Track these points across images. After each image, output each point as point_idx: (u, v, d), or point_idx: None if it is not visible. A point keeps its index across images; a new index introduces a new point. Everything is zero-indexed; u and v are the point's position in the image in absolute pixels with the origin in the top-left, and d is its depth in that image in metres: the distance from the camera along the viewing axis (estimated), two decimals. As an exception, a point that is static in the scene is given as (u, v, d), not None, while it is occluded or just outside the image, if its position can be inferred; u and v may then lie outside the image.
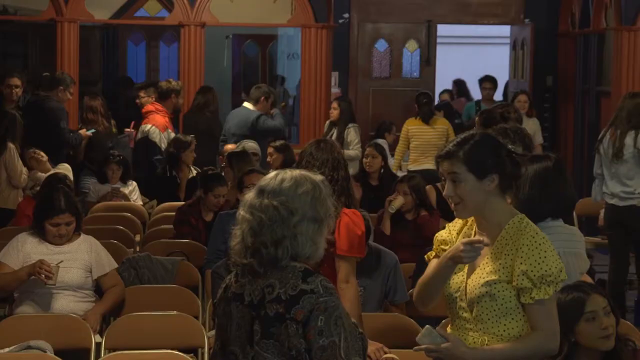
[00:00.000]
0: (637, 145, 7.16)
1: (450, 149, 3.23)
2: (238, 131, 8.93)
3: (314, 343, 2.70)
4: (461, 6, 12.95)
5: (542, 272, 3.11)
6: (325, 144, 4.46)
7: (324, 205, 2.84)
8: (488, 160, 3.19)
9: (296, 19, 10.91)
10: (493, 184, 3.19)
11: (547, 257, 3.13)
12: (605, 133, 7.35)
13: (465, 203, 3.19)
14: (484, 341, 3.20)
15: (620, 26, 10.31)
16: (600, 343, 3.42)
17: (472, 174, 3.17)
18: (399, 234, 6.56)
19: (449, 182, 3.21)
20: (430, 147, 9.68)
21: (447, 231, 3.39)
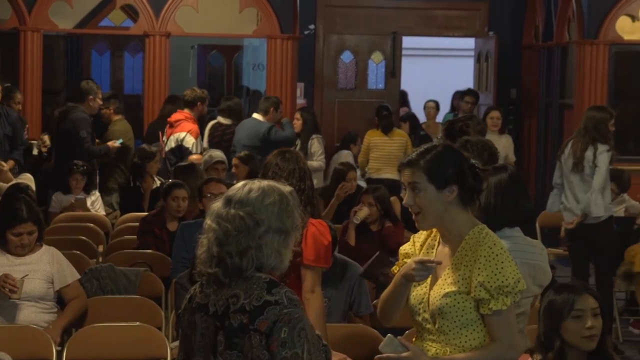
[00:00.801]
0: (596, 159, 7.29)
1: (412, 157, 3.24)
2: (249, 143, 8.87)
3: (277, 354, 2.69)
4: (426, 19, 13.03)
5: (499, 283, 3.12)
6: (290, 154, 4.46)
7: (291, 216, 2.83)
8: (448, 170, 3.20)
9: (262, 29, 10.90)
10: (452, 195, 3.20)
11: (504, 268, 3.14)
12: (567, 144, 7.45)
13: (425, 213, 3.21)
14: (447, 352, 3.21)
15: (583, 40, 10.42)
16: (583, 343, 3.45)
17: (432, 184, 3.19)
18: (364, 245, 6.57)
19: (409, 191, 3.23)
20: (391, 157, 10.03)
21: (411, 243, 3.40)
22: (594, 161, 7.29)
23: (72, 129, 8.65)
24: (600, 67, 10.34)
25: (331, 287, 5.08)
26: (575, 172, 7.31)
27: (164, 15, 10.60)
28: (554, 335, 3.46)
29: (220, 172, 7.94)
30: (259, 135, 8.93)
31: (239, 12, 10.79)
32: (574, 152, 7.34)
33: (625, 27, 10.36)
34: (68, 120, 8.72)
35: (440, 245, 3.29)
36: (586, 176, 7.31)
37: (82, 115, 8.71)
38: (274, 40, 10.73)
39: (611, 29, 10.31)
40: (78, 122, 8.65)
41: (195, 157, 8.59)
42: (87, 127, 8.69)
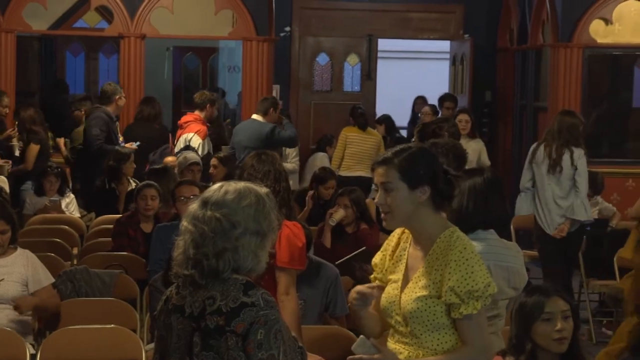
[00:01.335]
0: (575, 163, 7.38)
1: (386, 156, 3.25)
2: (251, 144, 8.73)
3: (253, 356, 2.69)
4: (402, 21, 13.08)
5: (469, 288, 3.12)
6: (266, 156, 4.47)
7: (267, 218, 2.83)
8: (421, 171, 3.20)
9: (237, 31, 10.89)
10: (424, 195, 3.20)
11: (474, 272, 3.14)
12: (538, 147, 7.53)
13: (394, 212, 3.20)
14: (419, 355, 3.21)
15: (557, 42, 10.49)
16: (553, 345, 3.47)
17: (405, 183, 3.19)
18: (340, 246, 6.57)
19: (382, 190, 3.22)
20: (365, 155, 10.10)
21: (381, 254, 3.40)
22: (572, 165, 7.38)
23: (88, 127, 8.86)
24: (574, 70, 10.40)
25: (307, 288, 5.08)
26: (551, 175, 7.38)
27: (139, 17, 10.57)
28: (525, 338, 3.48)
29: (195, 174, 7.93)
30: (262, 136, 8.89)
31: (215, 14, 10.77)
32: (548, 155, 7.41)
33: (599, 31, 10.44)
34: (88, 120, 8.93)
35: (411, 248, 3.29)
36: (563, 179, 7.39)
37: (100, 114, 8.87)
38: (250, 42, 10.72)
39: (585, 33, 10.38)
40: (92, 121, 8.83)
41: (170, 160, 8.57)
42: (102, 125, 8.80)
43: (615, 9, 10.37)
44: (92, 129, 8.81)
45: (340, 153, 10.38)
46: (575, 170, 7.40)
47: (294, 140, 9.21)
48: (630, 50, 10.70)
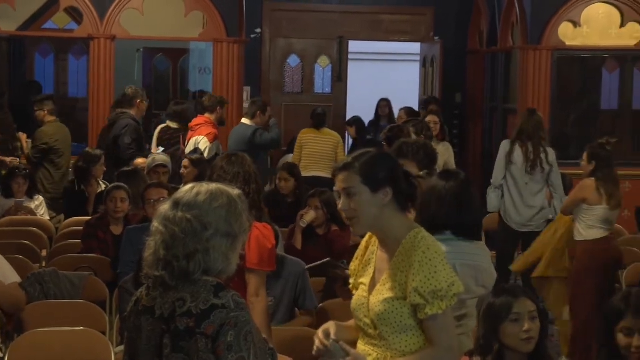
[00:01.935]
0: (550, 161, 7.62)
1: (346, 161, 3.27)
2: (237, 147, 8.77)
3: (223, 358, 2.68)
4: (372, 23, 13.11)
5: (433, 288, 3.13)
6: (236, 157, 4.47)
7: (239, 220, 2.82)
8: (382, 173, 3.22)
9: (208, 33, 10.87)
10: (387, 197, 3.21)
11: (437, 272, 3.15)
12: (514, 147, 7.64)
13: (360, 217, 3.21)
14: (387, 357, 3.23)
15: (526, 45, 10.55)
16: (521, 345, 3.49)
17: (367, 187, 3.20)
18: (310, 248, 6.57)
19: (344, 196, 3.23)
20: (321, 156, 10.14)
21: (355, 258, 3.43)
22: (548, 163, 7.60)
23: (119, 135, 8.79)
24: (543, 72, 10.47)
25: (276, 286, 5.08)
26: (529, 174, 7.53)
27: (109, 18, 10.52)
28: (492, 338, 3.50)
29: (162, 176, 7.90)
30: (245, 139, 8.93)
31: (185, 16, 10.74)
32: (525, 154, 7.55)
33: (568, 33, 10.53)
34: (117, 126, 8.86)
35: (379, 250, 3.31)
36: (538, 178, 7.56)
37: (130, 121, 8.86)
38: (220, 43, 10.70)
39: (554, 35, 10.46)
40: (124, 128, 8.80)
41: (140, 161, 8.54)
42: (133, 132, 8.80)
43: (583, 11, 10.47)
44: (125, 137, 8.76)
45: (297, 155, 10.40)
46: (551, 169, 7.56)
47: (275, 142, 9.24)
48: (599, 53, 10.80)
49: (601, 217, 6.76)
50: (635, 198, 10.39)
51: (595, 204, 6.76)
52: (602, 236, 6.79)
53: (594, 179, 6.78)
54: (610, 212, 6.79)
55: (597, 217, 6.78)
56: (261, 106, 9.22)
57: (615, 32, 10.55)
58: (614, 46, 10.61)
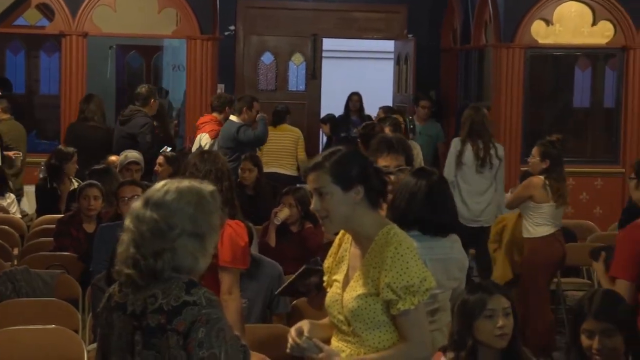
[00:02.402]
0: (500, 157, 7.82)
1: (317, 161, 3.26)
2: (224, 144, 8.86)
3: (194, 355, 2.67)
4: (346, 21, 13.13)
5: (405, 283, 3.14)
6: (209, 155, 4.47)
7: (208, 219, 2.82)
8: (353, 171, 3.22)
9: (181, 30, 10.83)
10: (359, 196, 3.21)
11: (409, 268, 3.16)
12: (465, 145, 7.86)
13: (332, 216, 3.21)
14: (361, 353, 3.23)
15: (499, 43, 10.60)
16: (494, 341, 3.51)
17: (338, 186, 3.20)
18: (284, 246, 6.57)
19: (316, 196, 3.23)
20: (279, 152, 10.23)
21: (329, 256, 3.43)
22: (498, 159, 7.81)
23: (138, 132, 8.85)
24: (516, 70, 10.52)
25: (250, 287, 5.07)
26: (479, 172, 7.69)
27: (81, 15, 10.45)
28: (466, 334, 3.52)
29: (134, 173, 7.87)
30: (231, 136, 8.92)
31: (158, 13, 10.69)
32: (476, 152, 7.70)
33: (540, 31, 10.57)
34: (133, 124, 8.91)
35: (352, 247, 3.32)
36: (488, 174, 7.73)
37: (148, 120, 8.96)
38: (194, 41, 10.67)
39: (526, 33, 10.50)
40: (143, 127, 8.87)
41: (113, 159, 8.50)
42: (152, 131, 8.91)
43: (555, 10, 10.52)
44: (147, 136, 8.86)
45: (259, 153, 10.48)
46: (500, 164, 7.74)
47: (260, 139, 9.22)
48: (571, 51, 10.86)
49: (548, 215, 6.88)
50: (607, 195, 10.48)
51: (543, 201, 6.88)
52: (549, 233, 6.90)
53: (543, 177, 6.89)
54: (557, 209, 6.91)
55: (545, 215, 6.89)
56: (248, 102, 9.20)
57: (587, 31, 10.61)
58: (586, 44, 10.67)
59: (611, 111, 10.92)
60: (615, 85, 10.78)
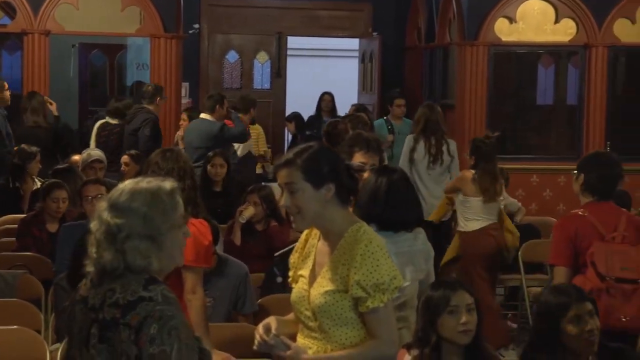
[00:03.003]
0: (452, 154, 8.08)
1: (288, 157, 3.24)
2: (202, 144, 8.75)
3: (144, 351, 2.65)
4: (311, 19, 13.12)
5: (375, 281, 3.14)
6: (171, 153, 4.44)
7: (165, 217, 2.80)
8: (324, 168, 3.21)
9: (145, 28, 10.76)
10: (330, 193, 3.21)
11: (379, 266, 3.16)
12: (417, 142, 8.10)
13: (303, 213, 3.20)
14: (327, 350, 3.22)
15: (463, 41, 10.64)
16: (458, 337, 3.53)
17: (309, 183, 3.19)
18: (249, 244, 6.57)
19: (286, 192, 3.22)
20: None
21: (294, 253, 3.42)
22: (450, 156, 8.07)
23: (138, 127, 9.09)
24: (480, 68, 10.57)
25: (215, 286, 5.06)
26: (431, 169, 7.88)
27: (43, 13, 10.36)
28: (430, 331, 3.54)
29: (98, 172, 7.82)
30: (211, 135, 8.85)
31: (121, 11, 10.62)
32: (428, 149, 7.86)
33: (504, 29, 10.63)
34: (136, 120, 9.17)
35: (320, 243, 3.31)
36: (440, 170, 7.89)
37: (150, 116, 9.14)
38: (158, 39, 10.61)
39: (490, 31, 10.56)
40: (145, 122, 9.10)
41: (75, 158, 8.44)
42: (153, 127, 9.08)
43: (518, 8, 10.58)
44: (145, 130, 9.04)
45: None
46: (452, 160, 7.90)
47: (244, 135, 9.23)
48: (534, 49, 10.92)
49: (476, 209, 7.10)
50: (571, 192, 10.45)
51: (471, 195, 7.11)
52: (479, 227, 7.10)
53: (473, 172, 7.12)
54: (485, 204, 7.08)
55: (473, 209, 7.11)
56: (219, 100, 9.16)
57: (550, 28, 10.69)
58: (548, 42, 10.75)
59: (574, 108, 11.00)
60: (578, 82, 10.87)
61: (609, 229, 4.60)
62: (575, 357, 3.66)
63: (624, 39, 10.67)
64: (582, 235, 4.58)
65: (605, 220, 4.63)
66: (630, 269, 4.50)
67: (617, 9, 10.58)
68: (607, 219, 4.65)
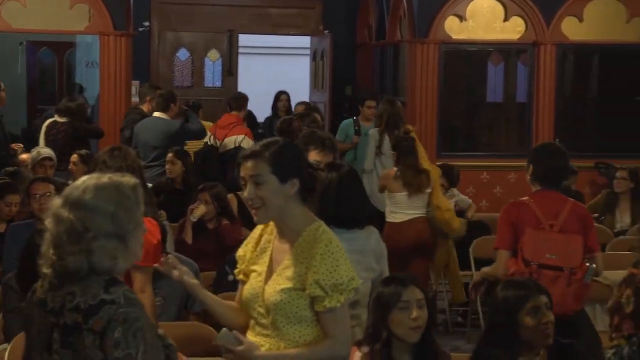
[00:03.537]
0: None
1: (256, 149, 3.21)
2: (160, 143, 8.63)
3: (110, 355, 2.62)
4: (261, 16, 13.11)
5: (334, 281, 3.15)
6: (119, 151, 4.40)
7: (130, 216, 2.75)
8: (291, 164, 3.21)
9: (94, 26, 10.65)
10: (294, 188, 3.20)
11: (339, 266, 3.17)
12: (383, 135, 8.32)
13: (267, 206, 3.19)
14: (280, 347, 3.22)
15: (414, 39, 10.69)
16: (409, 334, 3.54)
17: (276, 176, 3.18)
18: (201, 242, 6.54)
19: (251, 184, 3.19)
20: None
21: (245, 244, 3.40)
22: None
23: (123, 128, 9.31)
24: (430, 65, 10.63)
25: (165, 285, 5.03)
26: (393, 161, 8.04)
27: (-10, 10, 10.22)
28: (381, 327, 3.55)
29: (48, 169, 7.75)
30: (171, 133, 8.75)
31: (70, 8, 10.51)
32: (391, 141, 7.98)
33: (454, 27, 10.71)
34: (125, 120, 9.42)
35: (276, 240, 3.30)
36: None
37: (134, 116, 9.18)
38: (107, 37, 10.51)
39: (440, 29, 10.62)
40: (126, 122, 9.29)
41: (24, 157, 8.34)
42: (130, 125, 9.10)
43: (468, 6, 10.66)
44: (125, 131, 9.17)
45: None
46: None
47: (203, 131, 9.18)
48: (484, 46, 11.01)
49: (402, 204, 7.16)
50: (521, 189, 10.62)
51: (395, 191, 7.19)
52: (402, 220, 7.16)
53: (395, 168, 7.23)
54: (411, 198, 7.14)
55: (397, 204, 7.19)
56: (173, 98, 9.08)
57: (500, 26, 10.78)
58: (498, 40, 10.84)
59: (523, 105, 11.11)
60: (527, 80, 10.98)
61: (549, 217, 4.85)
62: (529, 350, 3.69)
63: (571, 37, 10.80)
64: (522, 222, 4.84)
65: (547, 209, 4.88)
66: (557, 256, 4.75)
67: (565, 7, 10.71)
68: (550, 207, 4.90)
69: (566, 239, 4.82)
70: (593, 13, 10.78)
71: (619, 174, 8.29)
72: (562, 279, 4.70)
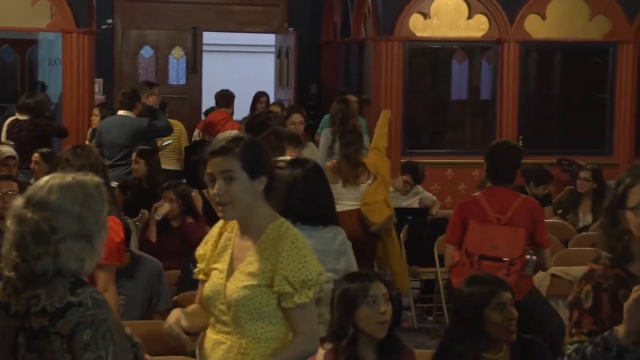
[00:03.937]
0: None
1: (225, 145, 3.17)
2: (128, 142, 8.52)
3: (79, 358, 2.59)
4: (225, 14, 13.08)
5: (303, 277, 3.14)
6: (82, 149, 4.37)
7: (95, 216, 2.71)
8: (260, 160, 3.20)
9: (56, 23, 10.55)
10: (262, 185, 3.19)
11: (307, 262, 3.16)
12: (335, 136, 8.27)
13: (235, 203, 3.16)
14: (242, 344, 3.20)
15: (378, 36, 10.71)
16: (377, 329, 3.55)
17: (246, 173, 3.16)
18: (165, 241, 6.52)
19: (220, 180, 3.15)
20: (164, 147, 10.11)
21: (204, 243, 3.37)
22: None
23: None
24: (395, 63, 10.65)
25: (128, 284, 5.01)
26: None
27: (-50, 7, 10.10)
28: (347, 323, 3.56)
29: (12, 168, 7.68)
30: (139, 131, 8.65)
31: (32, 5, 10.40)
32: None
33: (418, 25, 10.73)
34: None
35: (237, 238, 3.28)
36: None
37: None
38: (70, 34, 10.42)
39: (405, 26, 10.65)
40: None
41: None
42: None
43: (432, 3, 10.69)
44: None
45: None
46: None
47: (170, 129, 9.13)
48: (448, 44, 11.05)
49: (339, 195, 7.07)
50: (485, 185, 10.73)
51: (332, 182, 7.19)
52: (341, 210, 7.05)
53: (334, 162, 7.35)
54: (346, 189, 7.20)
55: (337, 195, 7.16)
56: (136, 96, 9.00)
57: (464, 24, 10.83)
58: (462, 37, 10.89)
59: (487, 103, 11.17)
60: (491, 77, 11.04)
61: (497, 211, 5.12)
62: (494, 346, 3.72)
63: (535, 34, 10.88)
64: (471, 216, 5.14)
65: (495, 203, 5.15)
66: (499, 248, 5.02)
67: (528, 5, 10.78)
68: (499, 202, 5.16)
69: (510, 232, 5.06)
70: (556, 11, 10.87)
71: (582, 175, 8.34)
72: (502, 270, 4.92)
